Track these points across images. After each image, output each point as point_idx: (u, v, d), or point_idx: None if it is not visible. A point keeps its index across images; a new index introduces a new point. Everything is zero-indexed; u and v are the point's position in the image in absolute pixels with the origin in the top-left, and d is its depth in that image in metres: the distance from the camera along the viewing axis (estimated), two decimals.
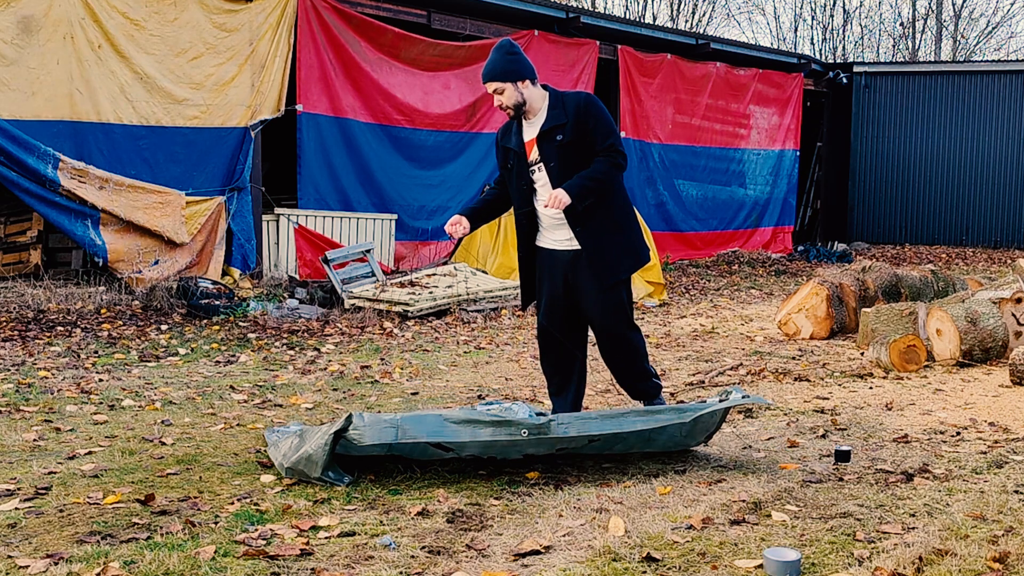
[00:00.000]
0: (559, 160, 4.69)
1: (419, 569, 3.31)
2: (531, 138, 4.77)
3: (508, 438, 4.11)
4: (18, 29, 9.44)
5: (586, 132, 4.69)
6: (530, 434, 4.12)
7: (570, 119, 4.66)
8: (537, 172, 4.77)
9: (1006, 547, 3.46)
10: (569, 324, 4.97)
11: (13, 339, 7.91)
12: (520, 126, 4.81)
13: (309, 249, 11.57)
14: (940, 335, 7.23)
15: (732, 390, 4.52)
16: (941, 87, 20.39)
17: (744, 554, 3.43)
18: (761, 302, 11.68)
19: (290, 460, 4.23)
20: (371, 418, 4.19)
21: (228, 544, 3.49)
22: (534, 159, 4.76)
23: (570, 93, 4.80)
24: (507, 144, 4.83)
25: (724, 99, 17.46)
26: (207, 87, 10.70)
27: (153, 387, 6.35)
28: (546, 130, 4.68)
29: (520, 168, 4.79)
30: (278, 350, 7.85)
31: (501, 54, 4.73)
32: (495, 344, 8.25)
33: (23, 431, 5.11)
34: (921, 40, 37.16)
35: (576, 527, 3.69)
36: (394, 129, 12.67)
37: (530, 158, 4.77)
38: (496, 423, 4.14)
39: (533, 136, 4.76)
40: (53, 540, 3.54)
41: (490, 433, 4.12)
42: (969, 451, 4.83)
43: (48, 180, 9.48)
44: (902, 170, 20.66)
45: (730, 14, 46.94)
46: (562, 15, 14.43)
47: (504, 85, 4.69)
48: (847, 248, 19.03)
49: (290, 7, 11.35)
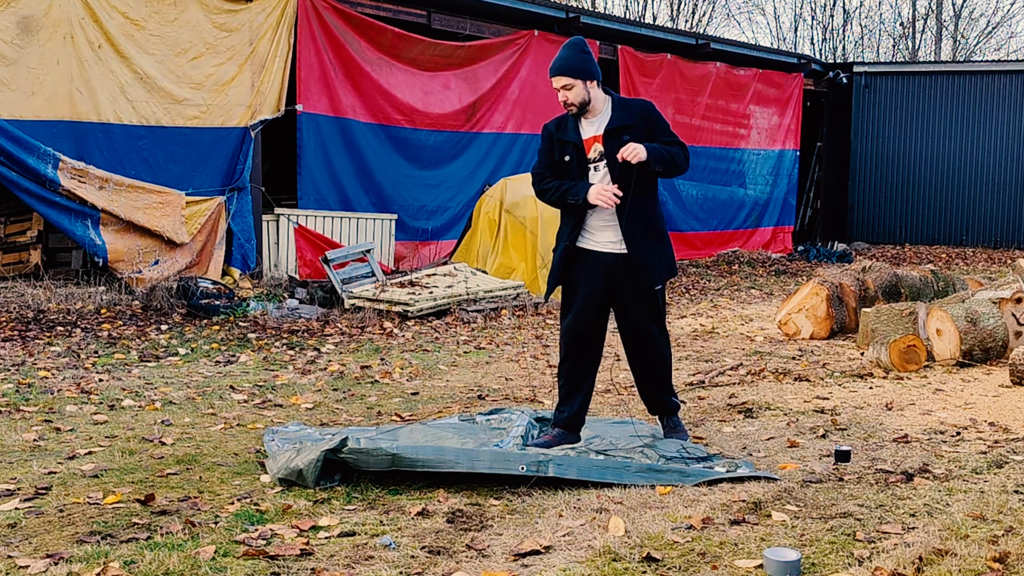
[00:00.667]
0: None
1: (419, 569, 3.31)
2: (590, 136, 4.78)
3: (504, 471, 4.16)
4: (18, 29, 9.44)
5: (651, 135, 4.77)
6: (527, 470, 4.16)
7: (637, 121, 4.75)
8: (593, 171, 4.78)
9: (1006, 547, 3.46)
10: (597, 330, 4.93)
11: (13, 339, 7.91)
12: (577, 123, 4.84)
13: (309, 249, 11.57)
14: (940, 335, 7.23)
15: (741, 464, 4.47)
16: (941, 87, 20.39)
17: (744, 554, 3.43)
18: (761, 302, 11.68)
19: (283, 472, 4.23)
20: (367, 443, 4.21)
21: (228, 544, 3.49)
22: (593, 156, 4.79)
23: (632, 99, 4.92)
24: (564, 137, 4.84)
25: (724, 99, 17.47)
26: (207, 87, 10.70)
27: (153, 387, 6.35)
28: (612, 128, 4.73)
29: (579, 164, 4.81)
30: (278, 350, 7.85)
31: (575, 51, 4.78)
32: (495, 344, 8.25)
33: (23, 431, 5.11)
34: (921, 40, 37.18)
35: (576, 527, 3.69)
36: (394, 129, 12.67)
37: (589, 155, 4.80)
38: (494, 456, 4.18)
39: (593, 134, 4.78)
40: (53, 540, 3.54)
41: (487, 466, 4.16)
42: (969, 451, 4.83)
43: (48, 180, 9.48)
44: (902, 170, 20.65)
45: (730, 14, 47.01)
46: (562, 15, 14.43)
47: (574, 82, 4.73)
48: (847, 248, 19.03)
49: (290, 7, 11.35)
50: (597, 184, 4.71)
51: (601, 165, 4.75)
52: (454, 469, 4.13)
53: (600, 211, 4.76)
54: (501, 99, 13.85)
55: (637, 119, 4.76)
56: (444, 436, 4.65)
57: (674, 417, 5.03)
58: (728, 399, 6.11)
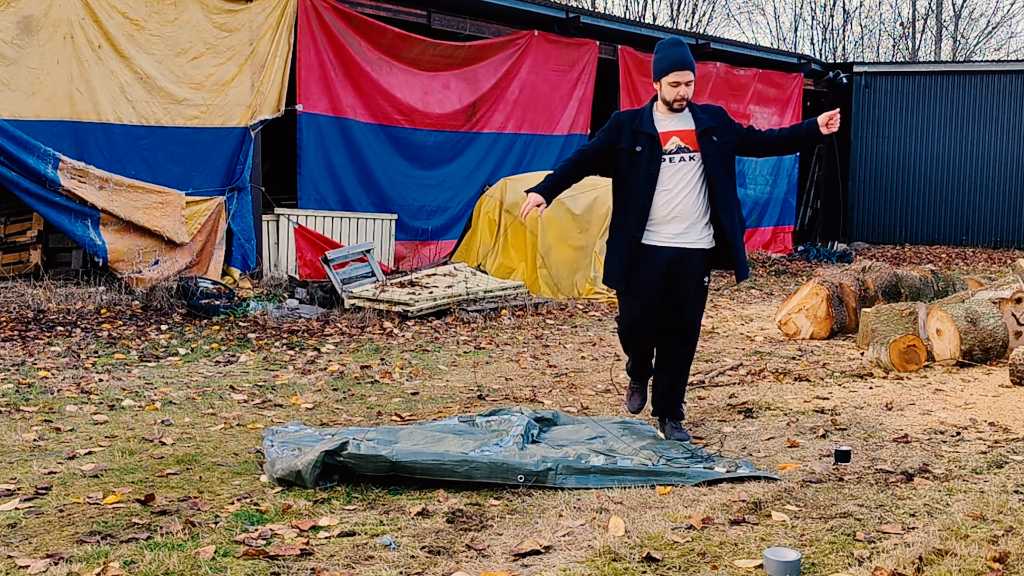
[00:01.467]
0: (718, 157, 5.01)
1: (419, 569, 3.31)
2: (667, 130, 5.00)
3: (503, 481, 4.18)
4: (18, 29, 9.44)
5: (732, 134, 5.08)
6: (526, 480, 4.19)
7: (720, 124, 5.05)
8: (668, 163, 4.97)
9: (1006, 547, 3.46)
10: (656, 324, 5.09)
11: (13, 339, 7.91)
12: (653, 117, 5.05)
13: (309, 249, 11.57)
14: (940, 335, 7.23)
15: (741, 464, 4.49)
16: (941, 87, 20.39)
17: (744, 554, 3.43)
18: (761, 302, 11.68)
19: (281, 473, 4.23)
20: (367, 449, 4.23)
21: (228, 544, 3.49)
22: (670, 148, 4.98)
23: (707, 105, 5.20)
24: (641, 128, 5.01)
25: (724, 99, 17.45)
26: (207, 87, 10.70)
27: (153, 387, 6.35)
28: (704, 130, 5.00)
29: (652, 154, 4.99)
30: (278, 350, 7.85)
31: (688, 49, 5.05)
32: (495, 344, 8.25)
33: (23, 431, 5.11)
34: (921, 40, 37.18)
35: (576, 527, 3.69)
36: (394, 129, 12.67)
37: (665, 147, 4.99)
38: (492, 466, 4.19)
39: (671, 129, 5.00)
40: (53, 540, 3.54)
41: (485, 475, 4.18)
42: (969, 451, 4.83)
43: (48, 180, 9.48)
44: (902, 170, 20.65)
45: (730, 14, 47.00)
46: (562, 15, 14.43)
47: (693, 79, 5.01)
48: (847, 248, 19.03)
49: (290, 7, 11.35)
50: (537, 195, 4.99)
51: (677, 158, 4.96)
52: (452, 478, 4.16)
53: (667, 201, 4.97)
54: (501, 99, 13.85)
55: (720, 122, 5.05)
56: (444, 438, 4.66)
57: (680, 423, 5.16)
58: (728, 399, 6.11)
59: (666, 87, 4.95)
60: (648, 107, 5.10)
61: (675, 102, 4.96)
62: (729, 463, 4.48)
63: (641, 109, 5.13)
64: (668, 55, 4.97)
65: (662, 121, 5.03)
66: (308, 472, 4.14)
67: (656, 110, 5.05)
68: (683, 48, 5.00)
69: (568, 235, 11.29)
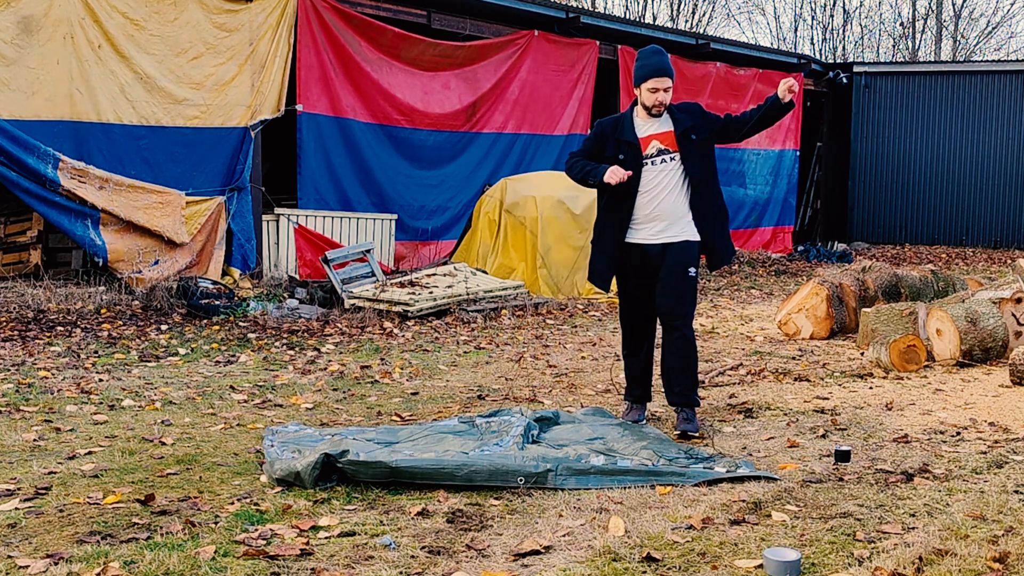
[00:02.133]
0: (698, 154, 5.20)
1: (419, 569, 3.31)
2: (647, 135, 5.21)
3: (503, 483, 4.19)
4: (18, 29, 9.44)
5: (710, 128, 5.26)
6: (526, 482, 4.20)
7: (698, 122, 5.23)
8: (650, 166, 5.17)
9: (1006, 547, 3.46)
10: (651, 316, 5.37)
11: (13, 339, 7.91)
12: (633, 123, 5.23)
13: (309, 249, 11.57)
14: (940, 335, 7.23)
15: (741, 464, 4.50)
16: (941, 87, 20.39)
17: (744, 554, 3.43)
18: (761, 302, 11.68)
19: (280, 473, 4.23)
20: (367, 456, 4.25)
21: (228, 544, 3.49)
22: (651, 152, 5.18)
23: (683, 103, 5.35)
24: (623, 137, 5.20)
25: (724, 99, 17.44)
26: (207, 87, 10.69)
27: (153, 387, 6.35)
28: (683, 130, 5.18)
29: (634, 160, 5.16)
30: (278, 350, 7.85)
31: (667, 57, 5.23)
32: (495, 344, 8.25)
33: (23, 431, 5.11)
34: (921, 40, 37.18)
35: (576, 527, 3.69)
36: (394, 129, 12.67)
37: (645, 152, 5.18)
38: (492, 470, 4.21)
39: (650, 133, 5.21)
40: (53, 540, 3.54)
41: (486, 478, 4.20)
42: (969, 451, 4.83)
43: (48, 180, 9.48)
44: (902, 170, 20.65)
45: (730, 14, 46.99)
46: (562, 15, 14.42)
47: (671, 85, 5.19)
48: (847, 248, 19.03)
49: (290, 7, 11.35)
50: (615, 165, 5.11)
51: (658, 160, 5.15)
52: (452, 482, 4.17)
53: (648, 201, 5.17)
54: (501, 99, 13.85)
55: (697, 119, 5.23)
56: (444, 438, 4.66)
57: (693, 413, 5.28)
58: (728, 399, 6.11)
59: (645, 93, 5.17)
60: (628, 112, 5.31)
61: (654, 107, 5.18)
62: (729, 463, 4.48)
63: (622, 115, 5.34)
64: (648, 63, 5.18)
65: (642, 126, 5.24)
66: (307, 474, 4.14)
67: (636, 115, 5.27)
68: (663, 56, 5.21)
69: (568, 235, 11.29)
